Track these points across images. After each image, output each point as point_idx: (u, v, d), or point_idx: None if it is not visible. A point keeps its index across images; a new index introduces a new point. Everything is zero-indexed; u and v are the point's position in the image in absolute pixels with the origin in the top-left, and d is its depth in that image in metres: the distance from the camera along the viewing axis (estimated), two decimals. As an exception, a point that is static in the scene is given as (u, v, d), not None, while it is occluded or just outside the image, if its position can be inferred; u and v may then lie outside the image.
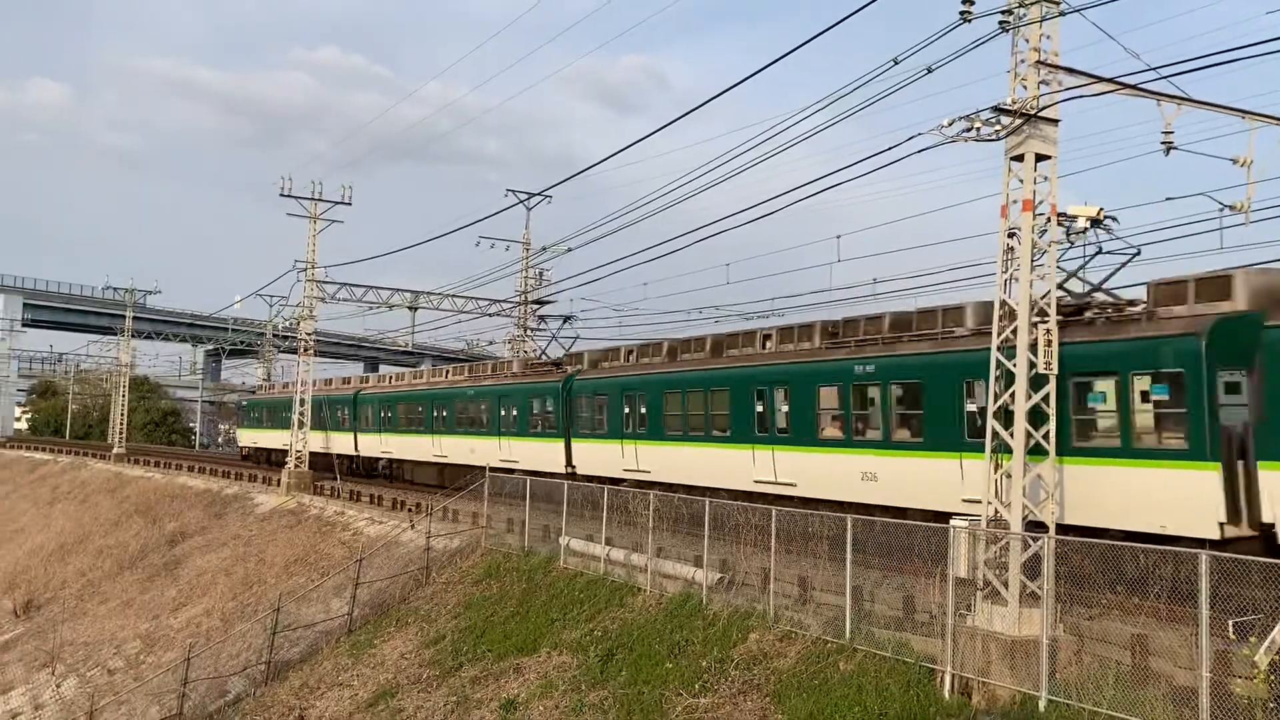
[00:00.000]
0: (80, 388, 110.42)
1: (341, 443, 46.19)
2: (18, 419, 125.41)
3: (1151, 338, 15.57)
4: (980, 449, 15.53)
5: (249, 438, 60.64)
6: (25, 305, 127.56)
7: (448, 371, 42.81)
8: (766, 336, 24.77)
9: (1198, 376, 14.71)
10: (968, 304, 19.63)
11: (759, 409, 23.24)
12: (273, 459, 53.08)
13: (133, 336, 75.11)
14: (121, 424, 69.28)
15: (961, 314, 19.57)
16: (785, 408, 22.62)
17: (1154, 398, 15.39)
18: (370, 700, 19.96)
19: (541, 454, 31.86)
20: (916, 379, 19.56)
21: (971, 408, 17.97)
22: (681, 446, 25.59)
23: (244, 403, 65.07)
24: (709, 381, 25.11)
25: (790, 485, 22.14)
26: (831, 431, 21.57)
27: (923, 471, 18.99)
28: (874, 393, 20.56)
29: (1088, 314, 17.24)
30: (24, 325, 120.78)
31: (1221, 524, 14.25)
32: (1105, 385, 15.92)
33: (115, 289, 71.76)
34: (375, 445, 43.89)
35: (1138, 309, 16.70)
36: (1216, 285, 15.56)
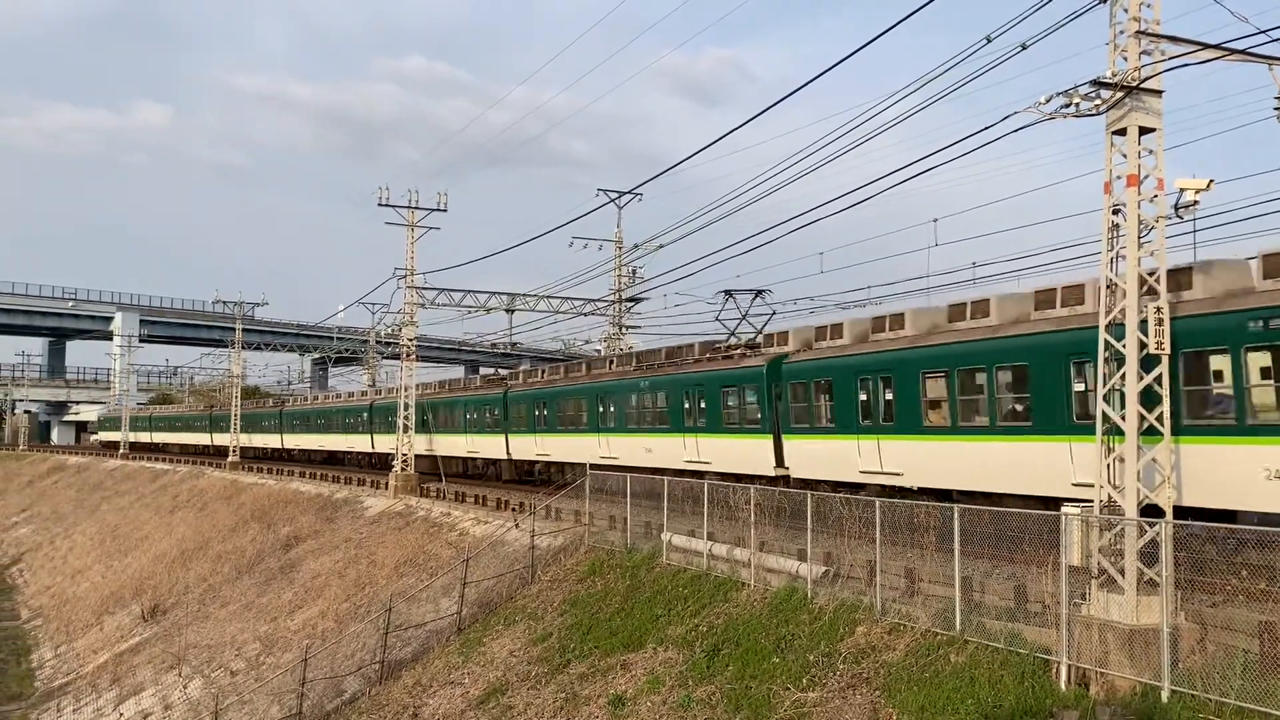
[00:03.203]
0: (195, 399, 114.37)
1: (364, 443, 58.09)
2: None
3: (749, 367, 27.12)
4: (696, 430, 29.14)
5: (103, 435, 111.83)
6: (142, 322, 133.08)
7: (447, 385, 53.91)
8: (610, 360, 38.01)
9: (761, 388, 26.28)
10: (695, 343, 32.06)
11: (600, 409, 34.63)
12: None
13: (243, 348, 77.45)
14: (235, 433, 71.45)
15: (692, 350, 31.75)
16: (612, 408, 33.91)
17: (748, 399, 27.12)
18: (481, 698, 20.28)
19: (492, 445, 42.97)
20: (665, 389, 30.86)
21: (687, 405, 29.56)
22: (564, 436, 37.41)
23: (100, 417, 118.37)
24: (574, 393, 36.89)
25: (615, 458, 32.56)
26: (632, 422, 32.88)
27: (669, 444, 30.44)
28: (648, 398, 32.00)
29: (735, 351, 29.03)
30: (141, 341, 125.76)
31: (773, 466, 25.69)
32: (733, 391, 27.92)
33: (225, 303, 74.07)
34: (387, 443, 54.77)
35: (758, 346, 28.51)
36: (782, 336, 27.11)
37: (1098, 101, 13.56)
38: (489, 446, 43.39)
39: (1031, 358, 18.22)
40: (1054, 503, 15.56)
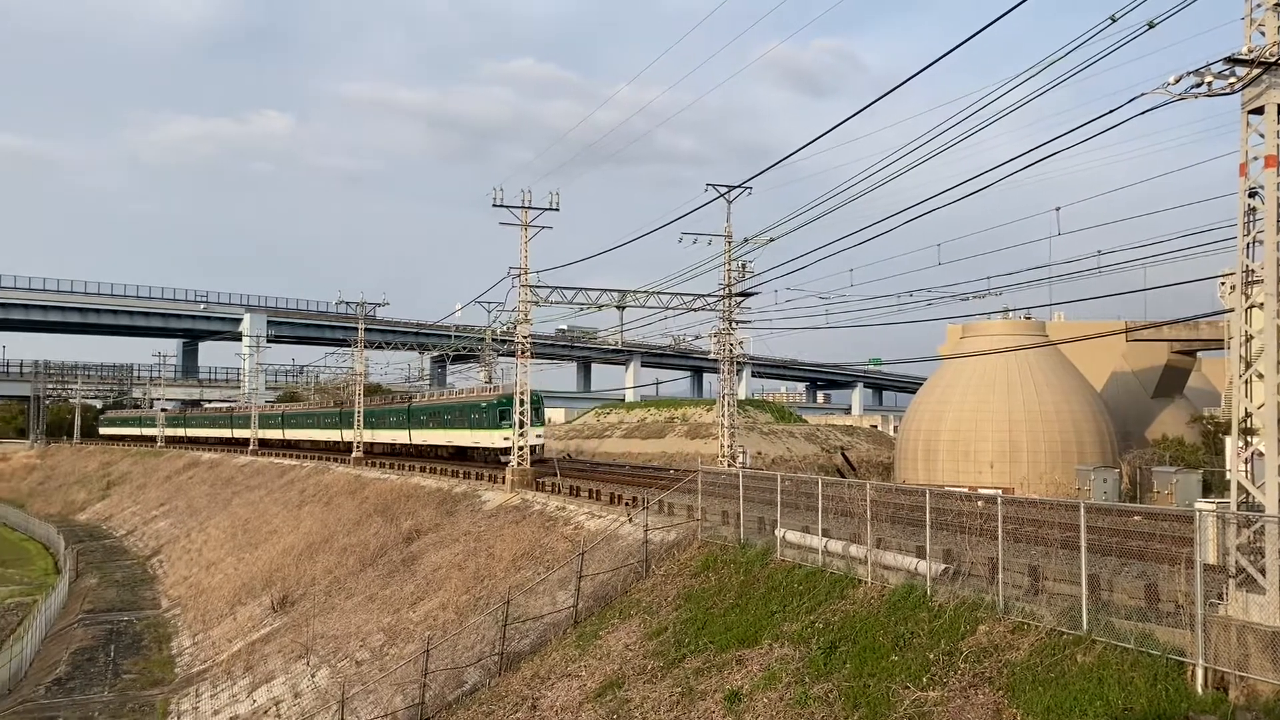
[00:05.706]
0: (320, 397, 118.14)
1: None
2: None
3: (400, 406, 72.05)
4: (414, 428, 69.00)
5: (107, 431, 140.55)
6: (269, 323, 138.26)
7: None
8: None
9: (404, 414, 70.62)
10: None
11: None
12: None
13: (365, 347, 79.57)
14: (359, 429, 73.43)
15: (402, 395, 77.61)
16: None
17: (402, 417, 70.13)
18: (598, 691, 20.46)
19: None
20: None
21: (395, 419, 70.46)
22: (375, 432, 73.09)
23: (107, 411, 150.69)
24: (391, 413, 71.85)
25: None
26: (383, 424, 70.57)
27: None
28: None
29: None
30: (269, 341, 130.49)
31: (409, 440, 68.92)
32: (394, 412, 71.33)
33: (347, 303, 76.16)
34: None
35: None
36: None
37: (1232, 79, 12.97)
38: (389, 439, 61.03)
39: (463, 408, 58.99)
40: (476, 450, 57.67)
